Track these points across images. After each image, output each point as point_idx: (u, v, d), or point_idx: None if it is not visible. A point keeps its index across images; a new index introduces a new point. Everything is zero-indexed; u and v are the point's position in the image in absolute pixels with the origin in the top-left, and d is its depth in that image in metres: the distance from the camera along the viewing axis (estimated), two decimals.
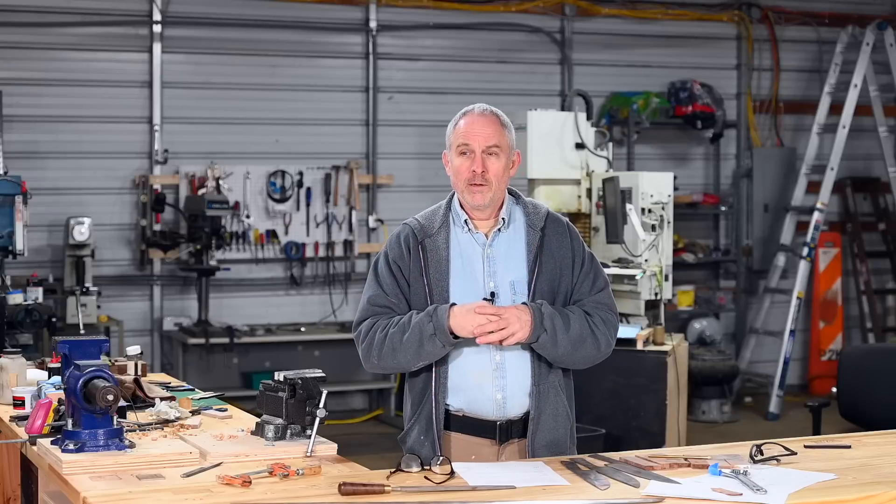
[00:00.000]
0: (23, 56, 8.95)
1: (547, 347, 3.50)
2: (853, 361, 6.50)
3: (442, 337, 3.43)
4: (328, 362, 9.05)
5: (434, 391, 3.55)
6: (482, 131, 3.54)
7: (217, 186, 9.13)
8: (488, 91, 9.68)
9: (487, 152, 3.53)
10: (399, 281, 3.58)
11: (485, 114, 3.58)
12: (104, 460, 3.31)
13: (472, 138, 3.54)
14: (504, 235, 3.61)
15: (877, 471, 3.31)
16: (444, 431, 3.57)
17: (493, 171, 3.53)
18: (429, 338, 3.45)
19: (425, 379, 3.57)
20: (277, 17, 9.53)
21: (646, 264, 7.19)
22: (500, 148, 3.55)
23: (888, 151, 10.51)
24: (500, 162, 3.55)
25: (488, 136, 3.54)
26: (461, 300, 3.51)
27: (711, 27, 10.77)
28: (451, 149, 3.59)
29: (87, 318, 7.84)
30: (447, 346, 3.47)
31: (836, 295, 10.90)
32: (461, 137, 3.56)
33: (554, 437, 3.58)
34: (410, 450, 3.49)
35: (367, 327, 3.57)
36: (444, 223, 3.61)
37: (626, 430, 6.69)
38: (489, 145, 3.53)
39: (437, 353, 3.49)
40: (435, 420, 3.54)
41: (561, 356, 3.53)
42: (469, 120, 3.57)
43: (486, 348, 3.53)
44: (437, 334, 3.43)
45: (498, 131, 3.56)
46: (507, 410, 3.56)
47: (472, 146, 3.53)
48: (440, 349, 3.47)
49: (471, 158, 3.54)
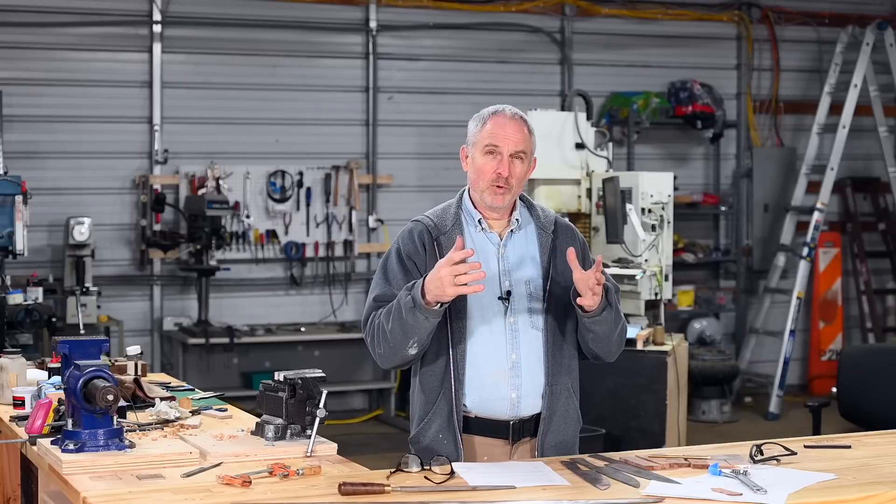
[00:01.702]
0: (23, 56, 8.96)
1: (608, 323, 3.51)
2: (853, 361, 6.50)
3: (420, 308, 3.34)
4: (328, 362, 9.04)
5: (453, 389, 3.51)
6: (513, 135, 3.53)
7: (217, 186, 9.13)
8: (488, 91, 9.68)
9: (515, 156, 3.53)
10: (412, 276, 3.53)
11: (515, 118, 3.57)
12: (104, 460, 3.31)
13: (501, 140, 3.53)
14: (518, 236, 3.61)
15: (877, 471, 3.31)
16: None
17: (517, 175, 3.54)
18: (409, 311, 3.37)
19: (441, 377, 3.54)
20: (277, 17, 9.53)
21: (646, 264, 7.19)
22: (526, 154, 3.56)
23: (888, 151, 10.51)
24: (523, 167, 3.56)
25: (518, 140, 3.54)
26: (477, 299, 3.49)
27: (711, 27, 10.77)
28: (476, 147, 3.57)
29: (87, 318, 7.85)
30: (430, 317, 3.37)
31: (836, 295, 10.90)
32: (490, 138, 3.54)
33: (563, 439, 3.59)
34: (428, 449, 3.45)
35: (370, 323, 3.55)
36: (456, 221, 3.60)
37: (626, 430, 6.69)
38: (517, 150, 3.53)
39: (421, 326, 3.38)
40: (456, 418, 3.52)
41: (611, 336, 3.56)
42: (500, 121, 3.56)
43: (501, 347, 3.52)
44: (416, 306, 3.35)
45: (526, 137, 3.56)
46: (521, 410, 3.55)
47: (501, 149, 3.52)
48: (423, 321, 3.37)
49: (497, 160, 3.52)
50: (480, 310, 3.53)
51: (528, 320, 3.55)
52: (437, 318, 3.40)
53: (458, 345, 3.52)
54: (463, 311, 3.52)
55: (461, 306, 3.51)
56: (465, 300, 3.50)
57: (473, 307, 3.52)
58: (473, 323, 3.53)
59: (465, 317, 3.52)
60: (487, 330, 3.53)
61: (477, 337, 3.52)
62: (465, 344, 3.53)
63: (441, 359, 3.54)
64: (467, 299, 3.50)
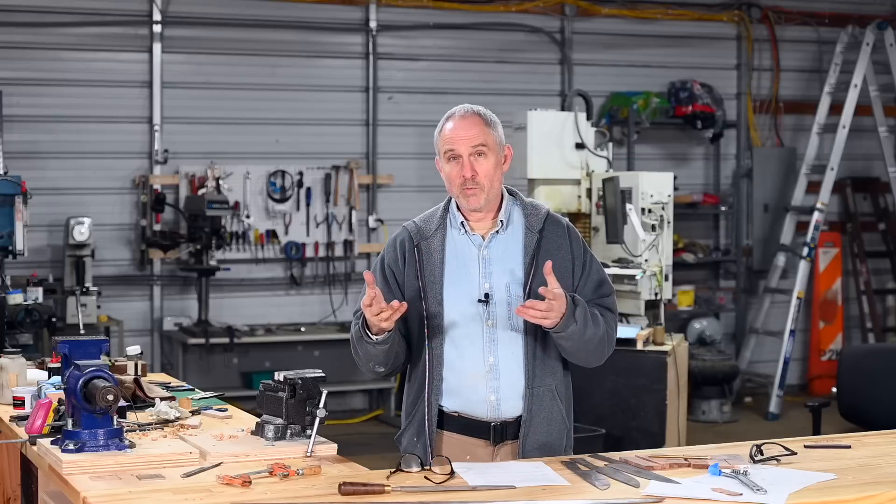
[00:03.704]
0: (23, 56, 8.95)
1: (574, 339, 3.44)
2: (853, 361, 6.50)
3: (365, 337, 3.44)
4: (328, 362, 9.04)
5: (427, 393, 3.54)
6: (466, 134, 3.49)
7: (217, 186, 9.13)
8: (488, 91, 9.69)
9: (475, 153, 3.49)
10: (391, 286, 3.56)
11: (466, 115, 3.53)
12: (104, 460, 3.30)
13: (457, 143, 3.49)
14: (501, 237, 3.58)
15: (877, 471, 3.31)
16: (440, 431, 3.56)
17: (483, 172, 3.49)
18: (359, 340, 3.49)
19: (420, 380, 3.57)
20: (277, 17, 9.53)
21: (646, 264, 7.19)
22: (488, 146, 3.50)
23: (888, 151, 10.51)
24: (488, 161, 3.50)
25: (473, 136, 3.49)
26: (455, 302, 3.50)
27: (711, 27, 10.77)
28: (440, 155, 3.56)
29: (87, 318, 7.84)
30: (376, 345, 3.43)
31: (836, 295, 10.90)
32: (447, 143, 3.52)
33: (547, 440, 3.55)
34: (405, 450, 3.48)
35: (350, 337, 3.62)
36: (440, 225, 3.59)
37: (626, 430, 6.69)
38: (475, 146, 3.49)
39: (371, 352, 3.48)
40: (427, 422, 3.53)
41: (582, 350, 3.50)
42: (452, 124, 3.53)
43: (479, 350, 3.52)
44: (362, 335, 3.45)
45: (483, 131, 3.50)
46: (502, 412, 3.55)
47: (458, 150, 3.49)
48: (371, 348, 3.46)
49: (459, 164, 3.49)
50: (460, 313, 3.52)
51: (508, 323, 3.52)
52: (386, 345, 3.45)
53: (435, 348, 3.53)
54: (441, 314, 3.51)
55: (439, 311, 3.51)
56: (442, 304, 3.51)
57: (452, 311, 3.52)
58: (452, 326, 3.52)
59: (442, 320, 3.52)
60: (465, 333, 3.52)
61: (455, 340, 3.52)
62: (442, 347, 3.53)
63: (421, 362, 3.56)
64: (444, 304, 3.50)
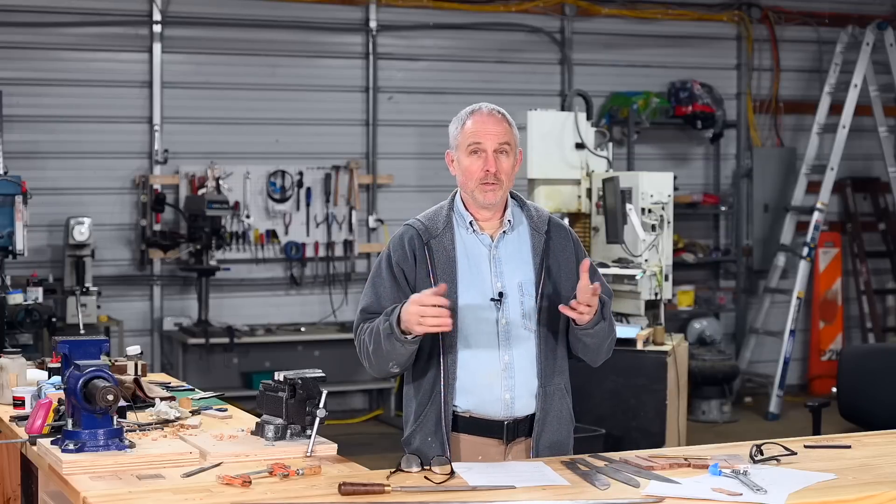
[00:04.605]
0: (23, 56, 8.95)
1: (599, 335, 3.53)
2: (853, 361, 6.49)
3: (396, 335, 3.38)
4: (328, 362, 9.05)
5: (443, 392, 3.52)
6: (494, 129, 3.54)
7: (217, 186, 9.13)
8: (488, 91, 9.67)
9: (499, 150, 3.54)
10: (400, 284, 3.55)
11: (493, 113, 3.58)
12: (104, 460, 3.31)
13: (483, 137, 3.53)
14: (510, 237, 3.60)
15: (877, 471, 3.31)
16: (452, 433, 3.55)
17: (504, 169, 3.54)
18: (386, 337, 3.41)
19: (432, 380, 3.54)
20: (277, 17, 9.53)
21: (646, 264, 7.19)
22: (510, 146, 3.56)
23: (888, 151, 10.51)
24: (509, 160, 3.56)
25: (499, 133, 3.54)
26: (469, 301, 3.50)
27: (711, 27, 10.77)
28: (460, 149, 3.58)
29: (87, 318, 7.84)
30: (405, 345, 3.40)
31: (836, 295, 10.90)
32: (472, 137, 3.55)
33: (557, 439, 3.58)
34: (417, 451, 3.45)
35: (357, 336, 3.58)
36: (447, 224, 3.59)
37: (626, 430, 6.69)
38: (501, 142, 3.54)
39: (397, 352, 3.43)
40: (444, 421, 3.52)
41: (599, 346, 3.58)
42: (479, 119, 3.56)
43: (494, 349, 3.52)
44: (392, 332, 3.39)
45: (507, 130, 3.56)
46: (515, 410, 3.55)
47: (485, 145, 3.53)
48: (399, 348, 3.41)
49: (482, 158, 3.53)
50: (473, 312, 3.52)
51: (521, 322, 3.54)
52: (414, 346, 3.43)
53: (449, 347, 3.52)
54: (455, 314, 3.49)
55: (453, 310, 3.49)
56: (456, 304, 3.49)
57: (465, 310, 3.52)
58: (466, 325, 3.52)
59: (456, 320, 3.49)
60: (479, 332, 3.53)
61: (469, 339, 3.52)
62: (456, 347, 3.52)
63: (433, 361, 3.54)
64: (458, 303, 3.49)
